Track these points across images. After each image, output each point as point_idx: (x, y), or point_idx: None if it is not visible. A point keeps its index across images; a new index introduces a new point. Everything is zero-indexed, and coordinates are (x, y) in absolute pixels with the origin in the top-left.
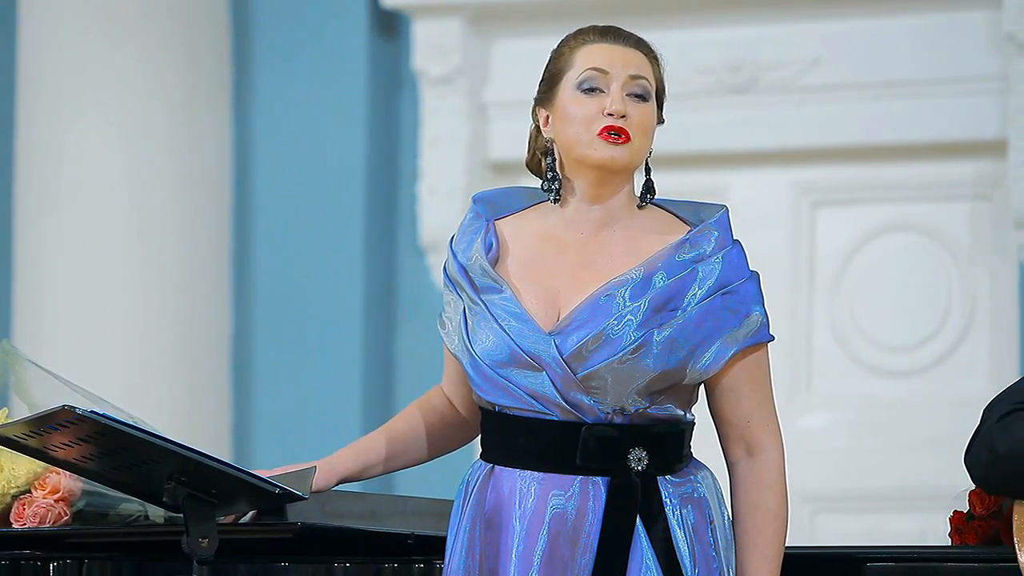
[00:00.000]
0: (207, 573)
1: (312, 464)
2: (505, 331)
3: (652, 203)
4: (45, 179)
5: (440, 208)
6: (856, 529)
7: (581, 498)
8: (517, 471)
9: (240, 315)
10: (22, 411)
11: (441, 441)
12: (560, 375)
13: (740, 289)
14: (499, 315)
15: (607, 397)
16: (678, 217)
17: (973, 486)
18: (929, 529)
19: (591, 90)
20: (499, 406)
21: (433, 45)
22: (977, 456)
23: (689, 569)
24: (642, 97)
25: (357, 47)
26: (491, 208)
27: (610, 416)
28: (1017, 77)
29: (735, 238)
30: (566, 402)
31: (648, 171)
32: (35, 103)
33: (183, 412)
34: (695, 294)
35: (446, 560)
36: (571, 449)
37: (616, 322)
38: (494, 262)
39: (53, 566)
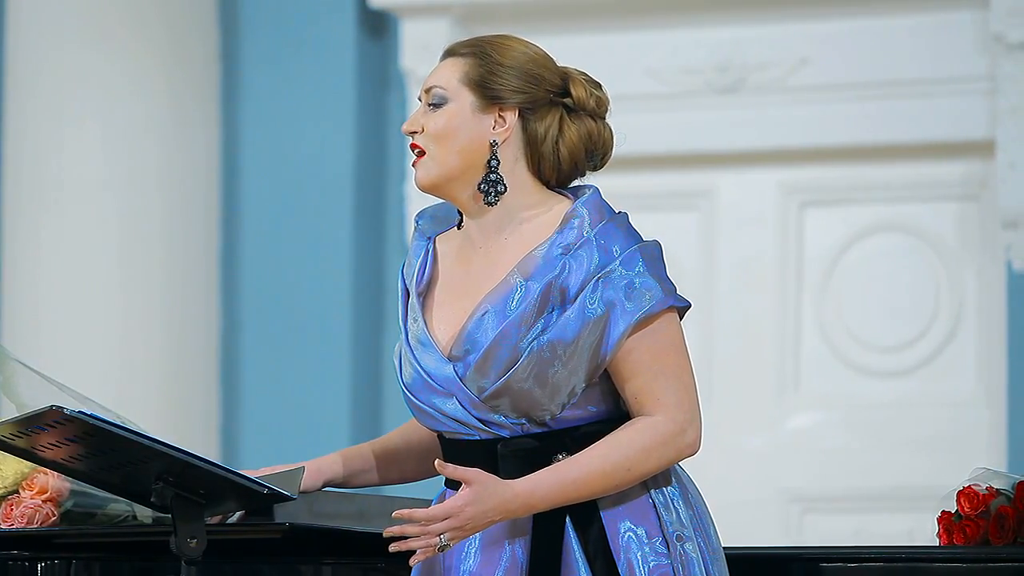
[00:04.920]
0: (195, 573)
1: (300, 465)
2: (416, 359)
3: (562, 192)
4: (34, 180)
5: None
6: (844, 529)
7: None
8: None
9: (228, 315)
10: (10, 411)
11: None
12: (467, 397)
13: (623, 263)
14: (413, 343)
15: (517, 412)
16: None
17: (961, 486)
18: (917, 529)
19: None
20: (436, 431)
21: (421, 45)
22: None
23: (626, 571)
24: (437, 105)
25: (345, 47)
26: (432, 223)
27: (527, 427)
28: (1005, 77)
29: (616, 211)
30: (481, 422)
31: (491, 169)
32: (23, 105)
33: (171, 412)
34: (573, 285)
35: None
36: (494, 467)
37: (503, 336)
38: (426, 285)
39: (41, 567)
